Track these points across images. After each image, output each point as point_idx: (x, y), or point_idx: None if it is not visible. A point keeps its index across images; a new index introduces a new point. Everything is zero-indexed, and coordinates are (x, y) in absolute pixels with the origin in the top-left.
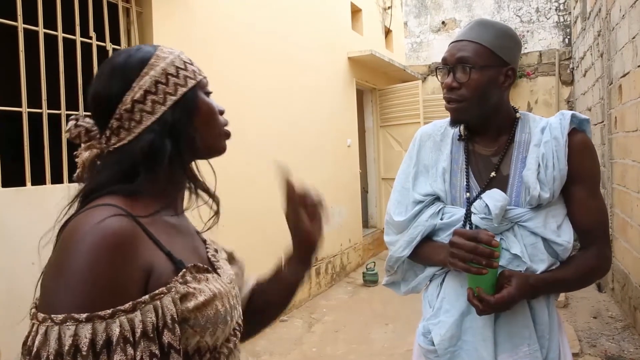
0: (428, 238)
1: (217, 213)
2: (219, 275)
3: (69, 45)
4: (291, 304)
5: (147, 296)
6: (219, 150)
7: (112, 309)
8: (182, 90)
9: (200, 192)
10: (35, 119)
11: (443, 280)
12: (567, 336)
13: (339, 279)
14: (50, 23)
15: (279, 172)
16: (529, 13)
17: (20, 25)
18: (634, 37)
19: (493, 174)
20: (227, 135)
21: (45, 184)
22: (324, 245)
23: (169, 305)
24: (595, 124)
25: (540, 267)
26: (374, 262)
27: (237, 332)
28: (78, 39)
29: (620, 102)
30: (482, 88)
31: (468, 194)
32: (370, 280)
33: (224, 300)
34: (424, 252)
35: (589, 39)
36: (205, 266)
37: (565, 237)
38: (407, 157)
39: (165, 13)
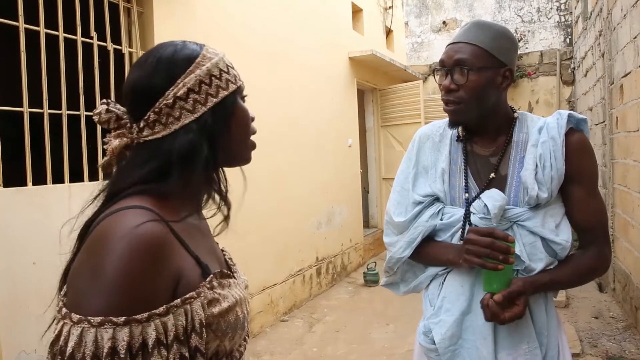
0: (430, 238)
1: (227, 218)
2: (236, 280)
3: (70, 45)
4: (293, 302)
5: (178, 300)
6: (246, 159)
7: (148, 313)
8: (223, 94)
9: (215, 196)
10: (36, 119)
11: (444, 280)
12: (568, 336)
13: (340, 279)
14: (51, 23)
15: None
16: (530, 13)
17: (22, 25)
18: (635, 37)
19: (492, 174)
20: (254, 146)
21: (46, 183)
22: (324, 246)
23: (198, 309)
24: (597, 124)
25: (538, 266)
26: (375, 262)
27: (247, 337)
28: (79, 39)
29: (621, 102)
30: (480, 89)
31: (467, 195)
32: (371, 280)
33: (242, 307)
34: (429, 252)
35: (590, 39)
36: (228, 272)
37: (563, 236)
38: (406, 157)
39: (166, 13)
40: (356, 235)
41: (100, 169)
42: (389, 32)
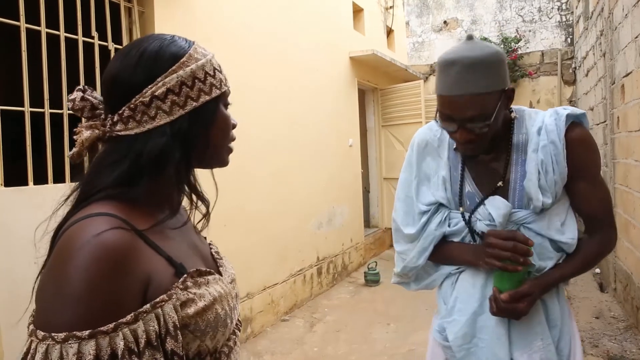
0: (443, 239)
1: (206, 215)
2: (221, 275)
3: (71, 44)
4: (293, 302)
5: (148, 305)
6: (222, 163)
7: (114, 323)
8: (204, 98)
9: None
10: (37, 119)
11: (457, 279)
12: None
13: (341, 278)
14: (52, 23)
15: None
16: (531, 12)
17: (23, 25)
18: (636, 37)
19: (500, 183)
20: (231, 150)
21: (47, 183)
22: (325, 245)
23: (170, 312)
24: (598, 124)
25: (549, 264)
26: (376, 262)
27: (237, 331)
28: (80, 38)
29: (622, 101)
30: (497, 125)
31: (462, 208)
32: (371, 280)
33: (223, 303)
34: (444, 253)
35: (591, 39)
36: (207, 269)
37: (569, 234)
38: (406, 164)
39: (166, 13)
40: (357, 235)
41: (69, 160)
42: (389, 31)
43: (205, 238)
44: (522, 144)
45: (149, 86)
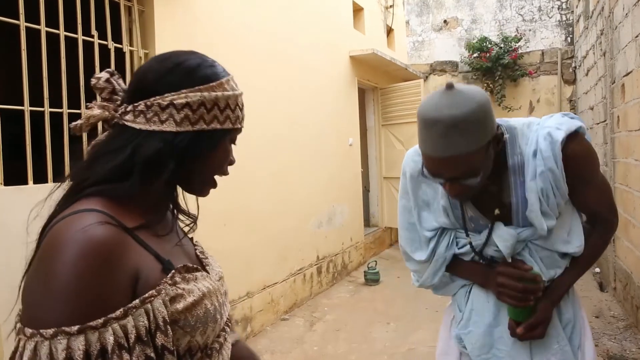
0: (454, 256)
1: (192, 224)
2: (208, 273)
3: (71, 43)
4: (293, 301)
5: (137, 301)
6: (201, 193)
7: (103, 318)
8: (214, 126)
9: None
10: (37, 118)
11: (471, 288)
12: None
13: (341, 277)
14: (52, 21)
15: None
16: (531, 12)
17: (22, 23)
18: (637, 36)
19: (497, 212)
20: (214, 184)
21: (47, 182)
22: (325, 244)
23: (160, 307)
24: (598, 123)
25: (558, 272)
26: (376, 261)
27: (227, 327)
28: (80, 37)
29: (622, 101)
30: (488, 169)
31: (470, 238)
32: (371, 280)
33: (212, 299)
34: (457, 269)
35: (591, 38)
36: (194, 265)
37: (576, 241)
38: (403, 192)
39: (166, 11)
40: (357, 234)
41: (71, 129)
42: (389, 31)
43: (191, 238)
44: (519, 166)
45: (172, 93)
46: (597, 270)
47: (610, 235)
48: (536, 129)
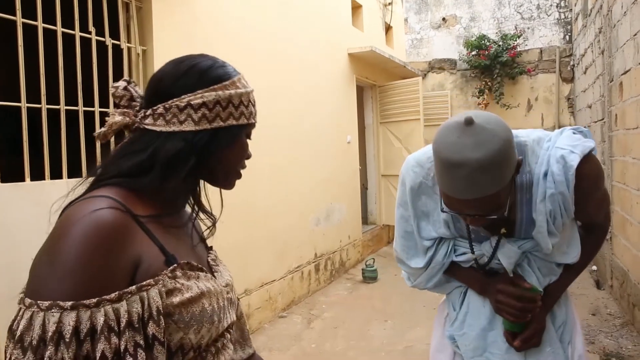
0: (452, 262)
1: (211, 227)
2: (215, 277)
3: (68, 40)
4: (291, 299)
5: (134, 287)
6: (226, 185)
7: (97, 298)
8: (231, 122)
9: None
10: (34, 114)
11: (467, 289)
12: None
13: (338, 275)
14: (49, 18)
15: None
16: (529, 10)
17: (19, 19)
18: (635, 34)
19: (503, 230)
20: (240, 176)
21: (44, 179)
22: (323, 242)
23: (155, 297)
24: (596, 122)
25: (553, 279)
26: (373, 259)
27: (227, 335)
28: (77, 33)
29: (620, 99)
30: (509, 203)
31: (474, 255)
32: (369, 277)
33: (212, 300)
34: (454, 274)
35: (590, 36)
36: (199, 265)
37: (573, 253)
38: (400, 201)
39: (164, 8)
40: (355, 231)
41: (95, 138)
42: (388, 28)
43: (211, 247)
44: (527, 184)
45: (189, 94)
46: (594, 268)
47: (603, 239)
48: (547, 146)
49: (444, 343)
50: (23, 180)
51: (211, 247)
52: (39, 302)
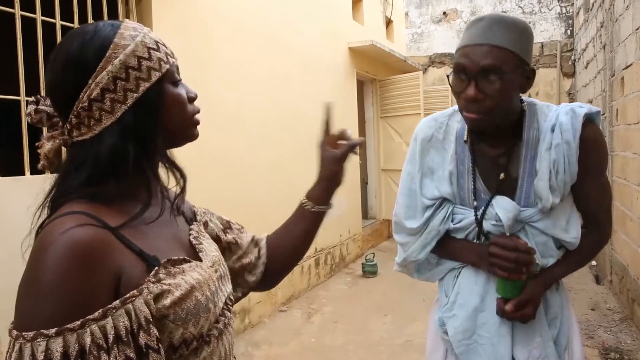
0: (446, 234)
1: (182, 190)
2: (200, 260)
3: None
4: (291, 293)
5: (117, 301)
6: (189, 138)
7: (81, 320)
8: (144, 86)
9: (174, 170)
10: None
11: (459, 273)
12: None
13: (338, 269)
14: (47, 10)
15: (324, 108)
16: (530, 4)
17: (18, 12)
18: (637, 29)
19: (502, 175)
20: (196, 123)
21: (44, 173)
22: (323, 236)
23: (141, 307)
24: None
25: (550, 261)
26: (373, 254)
27: (227, 312)
28: (76, 26)
29: (622, 94)
30: (509, 97)
31: (476, 202)
32: (369, 272)
33: (203, 289)
34: (448, 249)
35: (591, 31)
36: (182, 257)
37: (573, 232)
38: (409, 157)
39: (164, 0)
40: (355, 226)
41: (42, 171)
42: (389, 22)
43: (193, 218)
44: (533, 140)
45: (84, 90)
46: (594, 263)
47: (602, 242)
48: (556, 109)
49: (438, 341)
50: (23, 174)
51: (193, 217)
52: (24, 333)
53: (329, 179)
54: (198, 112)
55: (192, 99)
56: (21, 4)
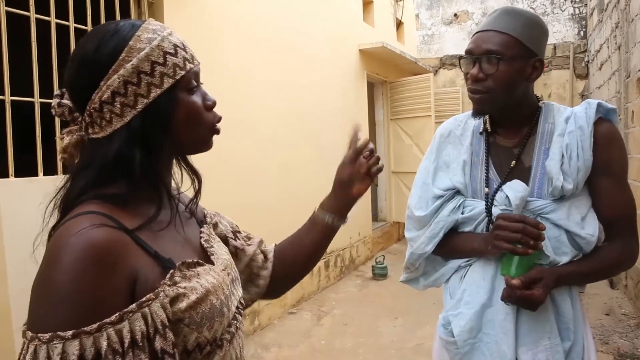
0: (453, 230)
1: (197, 194)
2: (212, 264)
3: (81, 35)
4: (301, 295)
5: (134, 305)
6: (203, 148)
7: (98, 323)
8: (156, 92)
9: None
10: (47, 109)
11: (466, 273)
12: None
13: (348, 272)
14: (61, 13)
15: (353, 126)
16: (543, 5)
17: (32, 15)
18: None
19: (513, 162)
20: (215, 132)
21: (56, 174)
22: (334, 239)
23: (158, 311)
24: None
25: (563, 260)
26: (383, 256)
27: (238, 316)
28: (89, 29)
29: (637, 95)
30: (509, 80)
31: (487, 189)
32: (379, 274)
33: (218, 293)
34: (453, 244)
35: (605, 31)
36: (196, 260)
37: (589, 229)
38: (428, 153)
39: (176, 4)
40: (365, 228)
41: (64, 164)
42: (399, 24)
43: (204, 222)
44: (548, 133)
45: (95, 92)
46: None
47: (627, 256)
48: (573, 107)
49: (443, 354)
50: (36, 175)
51: (203, 220)
52: (39, 335)
53: (344, 193)
54: (219, 120)
55: (209, 107)
56: (36, 7)
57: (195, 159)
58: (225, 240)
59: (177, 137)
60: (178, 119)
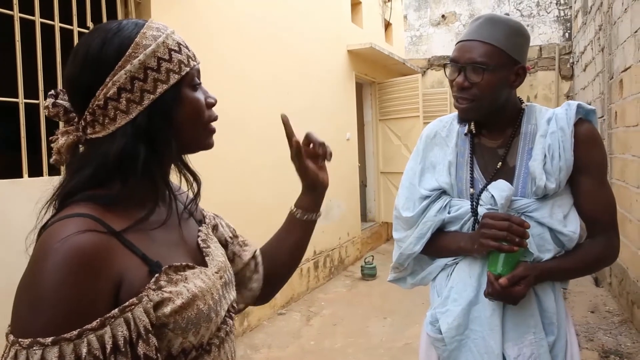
0: (439, 230)
1: (196, 196)
2: (206, 266)
3: (67, 35)
4: (290, 296)
5: (116, 310)
6: (204, 147)
7: (78, 330)
8: (162, 88)
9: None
10: (32, 110)
11: (452, 271)
12: None
13: (337, 272)
14: (47, 13)
15: (284, 123)
16: (529, 7)
17: (17, 14)
18: (636, 31)
19: (500, 164)
20: (212, 131)
21: (42, 175)
22: (322, 239)
23: (140, 316)
24: None
25: (546, 256)
26: (372, 256)
27: (229, 320)
28: (75, 29)
29: (620, 96)
30: (494, 88)
31: (472, 190)
32: (368, 274)
33: (206, 298)
34: (440, 243)
35: (589, 33)
36: (184, 264)
37: (571, 227)
38: (414, 154)
39: (163, 2)
40: (354, 229)
41: (55, 165)
42: (387, 25)
43: (202, 221)
44: (531, 134)
45: (100, 88)
46: None
47: (607, 253)
48: (553, 109)
49: (430, 353)
50: (21, 176)
51: (202, 219)
52: (20, 340)
53: (313, 188)
54: (215, 119)
55: (210, 105)
56: (20, 6)
57: (189, 158)
58: (224, 244)
59: (181, 134)
60: (182, 115)
